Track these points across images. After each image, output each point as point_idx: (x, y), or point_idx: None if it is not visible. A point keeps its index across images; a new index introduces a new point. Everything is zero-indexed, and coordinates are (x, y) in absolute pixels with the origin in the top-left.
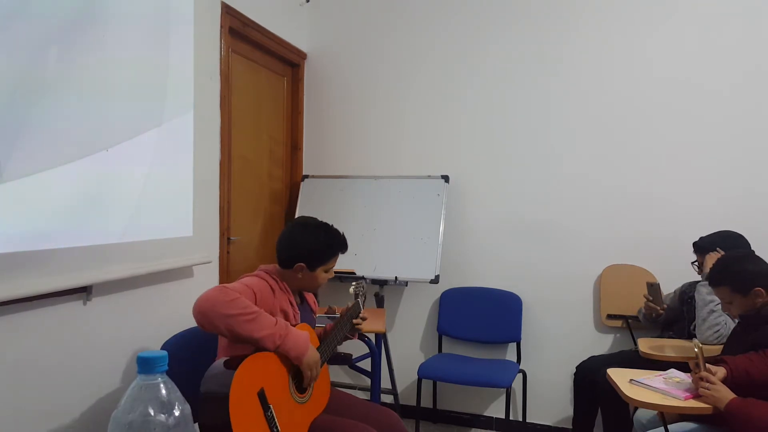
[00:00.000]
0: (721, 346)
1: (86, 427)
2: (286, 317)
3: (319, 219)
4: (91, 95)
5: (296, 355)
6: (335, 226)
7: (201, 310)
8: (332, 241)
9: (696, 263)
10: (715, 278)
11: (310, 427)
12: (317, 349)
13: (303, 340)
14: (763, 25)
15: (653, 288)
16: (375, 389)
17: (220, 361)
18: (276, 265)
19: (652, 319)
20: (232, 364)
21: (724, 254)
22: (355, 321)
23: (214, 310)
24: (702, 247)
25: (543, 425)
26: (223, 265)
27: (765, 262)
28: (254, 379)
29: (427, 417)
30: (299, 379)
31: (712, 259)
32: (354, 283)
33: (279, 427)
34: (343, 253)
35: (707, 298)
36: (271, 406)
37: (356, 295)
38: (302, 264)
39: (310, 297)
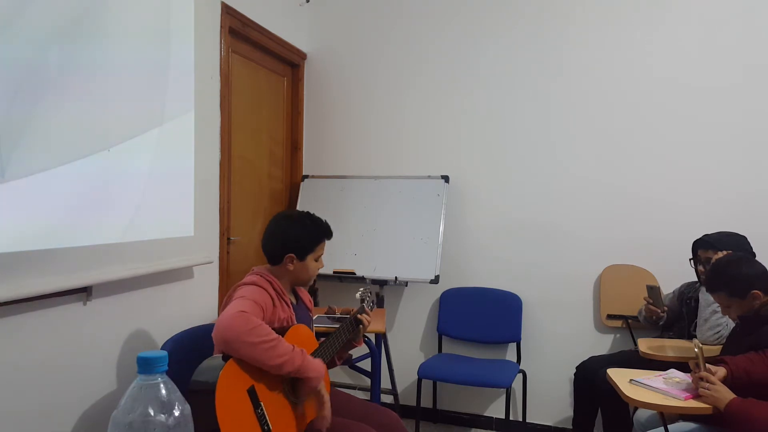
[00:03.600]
0: (721, 347)
1: (86, 427)
2: (282, 323)
3: (299, 210)
4: (92, 95)
5: (316, 376)
6: (317, 215)
7: (224, 339)
8: (316, 227)
9: (695, 261)
10: (712, 284)
11: (308, 428)
12: (316, 350)
13: (320, 366)
14: (762, 25)
15: (653, 291)
16: (375, 389)
17: (210, 358)
18: (267, 265)
19: (653, 321)
20: (222, 361)
21: (717, 259)
22: (360, 316)
23: (238, 339)
24: (712, 244)
25: (543, 425)
26: (223, 265)
27: (759, 264)
28: (244, 376)
29: (427, 417)
30: (295, 380)
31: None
32: (361, 289)
33: (270, 426)
34: (328, 239)
35: (710, 299)
36: (261, 403)
37: (362, 300)
38: (292, 254)
39: (305, 296)
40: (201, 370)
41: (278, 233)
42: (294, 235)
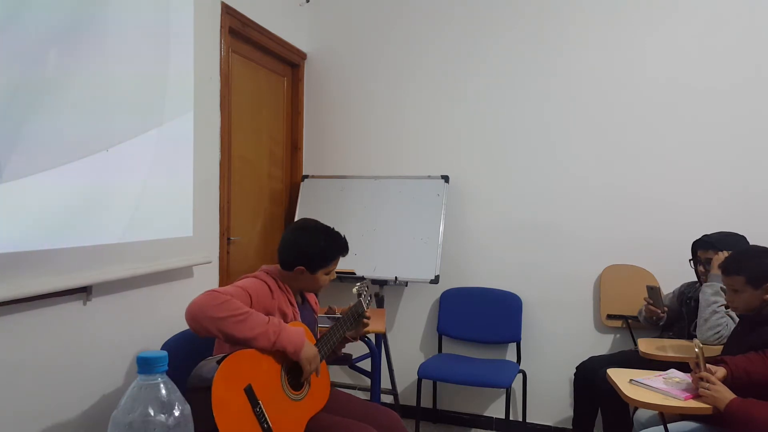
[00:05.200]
0: (722, 347)
1: (86, 427)
2: (285, 318)
3: (320, 221)
4: (91, 95)
5: (294, 350)
6: (336, 229)
7: (192, 316)
8: (333, 245)
9: (695, 261)
10: (733, 266)
11: (309, 426)
12: (314, 345)
13: (298, 334)
14: (762, 25)
15: (653, 291)
16: (375, 389)
17: (205, 359)
18: (278, 266)
19: (653, 321)
20: (217, 361)
21: (746, 246)
22: (364, 320)
23: (203, 314)
24: (713, 244)
25: (543, 425)
26: (223, 265)
27: None
28: (240, 375)
29: (427, 417)
30: (294, 375)
31: (719, 259)
32: (358, 284)
33: (270, 423)
34: (344, 256)
35: (711, 299)
36: (260, 401)
37: (359, 295)
38: (302, 267)
39: (311, 297)
40: (195, 374)
41: (293, 244)
42: (308, 249)
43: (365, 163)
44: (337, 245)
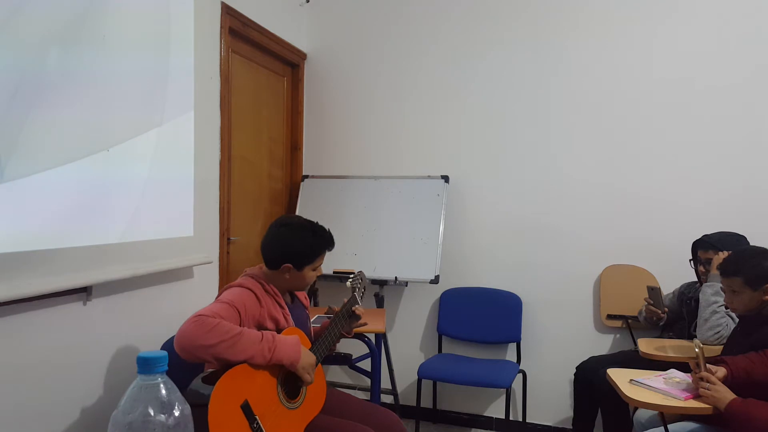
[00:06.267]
0: (722, 347)
1: (86, 427)
2: (277, 323)
3: (304, 218)
4: (91, 95)
5: (290, 363)
6: (320, 224)
7: (182, 347)
8: (318, 240)
9: (695, 261)
10: (731, 268)
11: (307, 430)
12: (310, 349)
13: (293, 345)
14: (763, 25)
15: (654, 292)
16: (375, 389)
17: (198, 379)
18: (262, 266)
19: (653, 321)
20: (211, 380)
21: (744, 246)
22: (357, 313)
23: (194, 344)
24: (712, 244)
25: (543, 425)
26: (223, 265)
27: None
28: (236, 392)
29: (427, 417)
30: (289, 384)
31: (719, 259)
32: (351, 277)
33: None
34: (329, 250)
35: (711, 299)
36: (257, 417)
37: (353, 289)
38: (289, 265)
39: (300, 293)
40: (190, 391)
41: (278, 241)
42: (294, 246)
43: (365, 163)
44: (323, 240)
